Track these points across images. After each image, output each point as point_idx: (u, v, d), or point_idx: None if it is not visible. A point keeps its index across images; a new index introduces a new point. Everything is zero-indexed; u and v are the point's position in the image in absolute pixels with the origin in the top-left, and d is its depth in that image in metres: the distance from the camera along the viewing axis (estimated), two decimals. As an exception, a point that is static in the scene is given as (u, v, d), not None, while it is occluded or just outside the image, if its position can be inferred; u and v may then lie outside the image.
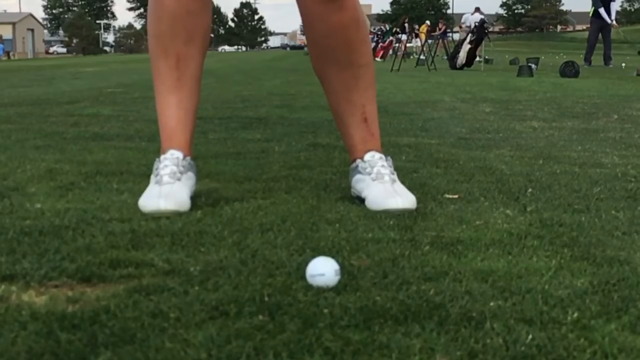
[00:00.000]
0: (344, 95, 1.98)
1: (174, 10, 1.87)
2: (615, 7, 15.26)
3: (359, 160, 1.95)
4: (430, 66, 13.88)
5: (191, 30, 1.89)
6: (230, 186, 2.08)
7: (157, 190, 1.77)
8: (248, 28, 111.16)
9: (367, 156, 1.94)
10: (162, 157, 1.87)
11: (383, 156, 1.95)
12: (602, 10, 15.12)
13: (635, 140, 3.32)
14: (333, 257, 1.27)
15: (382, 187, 1.85)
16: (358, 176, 1.93)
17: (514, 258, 1.39)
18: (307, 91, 6.88)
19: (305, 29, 1.98)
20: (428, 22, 27.94)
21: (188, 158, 1.88)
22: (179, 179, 1.81)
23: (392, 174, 1.91)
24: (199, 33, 1.91)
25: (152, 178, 1.85)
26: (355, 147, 1.98)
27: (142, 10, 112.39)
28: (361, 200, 1.87)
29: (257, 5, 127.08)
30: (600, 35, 15.42)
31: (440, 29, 22.77)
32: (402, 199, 1.80)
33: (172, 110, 1.91)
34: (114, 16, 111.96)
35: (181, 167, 1.84)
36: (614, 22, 15.31)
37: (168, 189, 1.76)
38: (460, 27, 19.99)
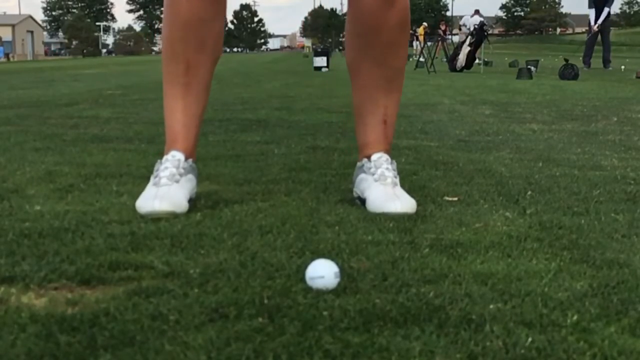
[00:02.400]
0: (370, 93, 1.98)
1: (187, 18, 1.86)
2: (606, 12, 15.23)
3: (365, 160, 1.95)
4: (430, 68, 13.89)
5: (203, 37, 1.88)
6: (230, 188, 2.08)
7: (154, 191, 1.77)
8: (248, 30, 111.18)
9: (374, 156, 1.94)
10: (163, 158, 1.88)
11: (389, 158, 1.95)
12: (591, 12, 15.19)
13: (634, 143, 3.33)
14: (333, 259, 1.27)
15: (382, 189, 1.85)
16: (362, 175, 1.93)
17: (514, 261, 1.39)
18: (306, 93, 6.89)
19: (351, 20, 1.97)
20: (425, 23, 27.89)
21: (190, 160, 1.88)
22: (177, 181, 1.81)
23: (395, 177, 1.91)
24: (210, 40, 1.90)
25: (151, 179, 1.85)
26: (367, 146, 1.98)
27: (141, 12, 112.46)
28: (362, 201, 1.87)
29: (256, 8, 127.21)
30: (599, 37, 15.45)
31: (443, 31, 22.81)
32: (401, 202, 1.80)
33: (178, 116, 1.91)
34: (113, 18, 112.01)
35: (181, 169, 1.84)
36: (595, 26, 15.38)
37: (164, 191, 1.76)
38: (460, 28, 20.00)
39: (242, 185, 2.12)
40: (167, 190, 1.77)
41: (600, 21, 15.18)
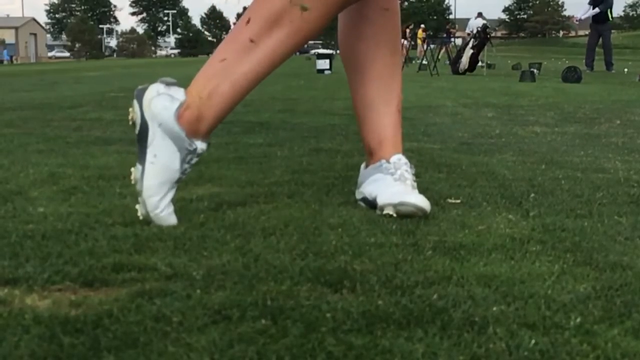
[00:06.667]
0: (386, 82, 1.95)
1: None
2: (595, 11, 15.28)
3: (383, 161, 1.90)
4: (433, 71, 13.89)
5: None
6: (233, 191, 2.08)
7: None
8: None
9: (394, 158, 1.90)
10: (199, 147, 1.69)
11: (408, 162, 1.92)
12: (588, 7, 15.37)
13: (637, 146, 3.32)
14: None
15: (402, 185, 1.83)
16: (377, 175, 1.88)
17: (517, 263, 1.39)
18: (309, 96, 6.89)
19: (364, 2, 1.89)
20: (423, 25, 27.84)
21: None
22: None
23: (414, 181, 1.89)
24: None
25: (178, 162, 1.67)
26: (385, 142, 1.93)
27: (144, 14, 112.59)
28: (367, 203, 1.86)
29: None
30: (600, 40, 15.51)
31: (450, 33, 22.86)
32: (421, 198, 1.77)
33: (247, 92, 1.71)
34: (116, 21, 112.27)
35: None
36: (576, 18, 15.72)
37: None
38: (468, 34, 20.05)
39: (245, 188, 2.13)
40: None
41: (583, 16, 15.41)
